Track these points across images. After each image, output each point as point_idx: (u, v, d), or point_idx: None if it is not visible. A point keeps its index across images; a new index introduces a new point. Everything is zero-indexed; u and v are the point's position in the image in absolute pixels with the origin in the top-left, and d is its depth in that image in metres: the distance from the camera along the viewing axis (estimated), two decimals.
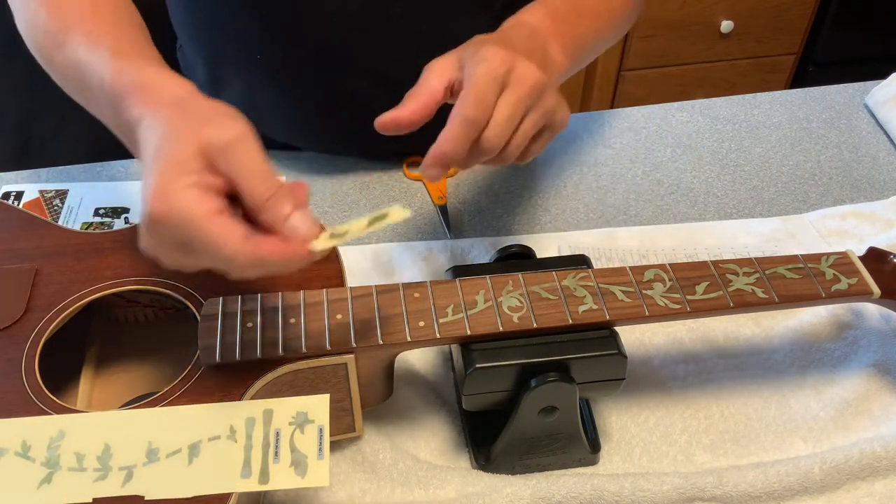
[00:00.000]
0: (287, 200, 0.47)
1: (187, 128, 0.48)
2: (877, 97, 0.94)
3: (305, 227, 0.47)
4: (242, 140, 0.47)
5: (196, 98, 0.51)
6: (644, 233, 0.79)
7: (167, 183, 0.45)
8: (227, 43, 0.82)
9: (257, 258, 0.46)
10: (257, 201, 0.47)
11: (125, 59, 0.54)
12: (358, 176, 0.86)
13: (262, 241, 0.46)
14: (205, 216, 0.45)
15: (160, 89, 0.52)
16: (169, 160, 0.46)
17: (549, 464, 0.60)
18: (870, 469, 0.59)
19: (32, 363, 0.54)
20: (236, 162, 0.47)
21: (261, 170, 0.47)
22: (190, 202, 0.45)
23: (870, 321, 0.71)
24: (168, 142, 0.47)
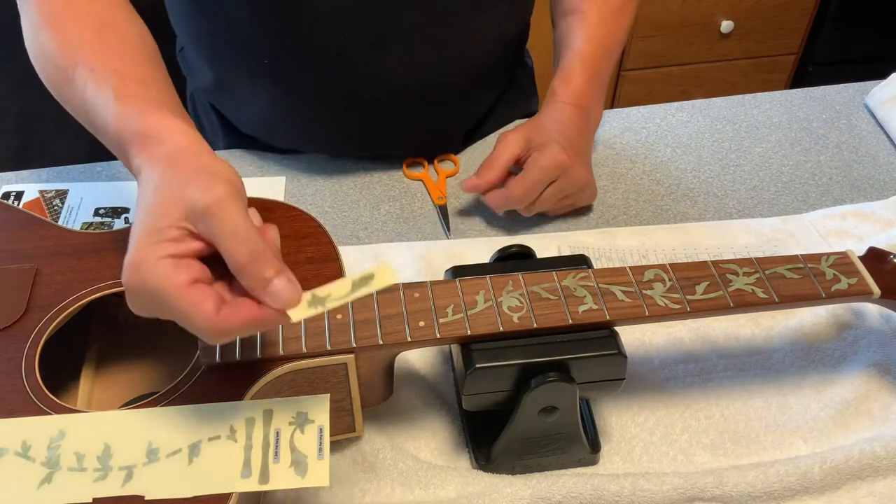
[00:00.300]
0: (268, 264, 0.46)
1: (171, 191, 0.47)
2: (877, 97, 0.94)
3: (287, 293, 0.46)
4: (223, 203, 0.46)
5: (190, 152, 0.50)
6: (644, 233, 0.79)
7: (142, 255, 0.45)
8: (234, 48, 0.81)
9: (229, 329, 0.45)
10: (237, 266, 0.46)
11: (128, 104, 0.53)
12: (358, 176, 0.86)
13: (234, 311, 0.45)
14: (176, 289, 0.45)
15: (159, 140, 0.51)
16: (147, 229, 0.46)
17: (549, 464, 0.60)
18: (870, 469, 0.59)
19: (32, 363, 0.54)
20: (216, 226, 0.46)
21: (241, 233, 0.46)
22: (161, 275, 0.45)
23: (870, 321, 0.71)
24: (154, 205, 0.48)
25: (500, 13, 0.83)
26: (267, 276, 0.46)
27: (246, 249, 0.46)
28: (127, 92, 0.54)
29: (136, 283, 0.46)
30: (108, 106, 0.54)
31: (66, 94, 0.59)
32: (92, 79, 0.56)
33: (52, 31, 0.60)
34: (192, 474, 0.48)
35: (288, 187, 0.84)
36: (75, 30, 0.59)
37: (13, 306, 0.57)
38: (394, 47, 0.78)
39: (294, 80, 0.81)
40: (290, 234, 0.62)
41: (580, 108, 0.79)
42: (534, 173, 0.74)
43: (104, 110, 0.54)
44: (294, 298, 0.46)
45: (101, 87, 0.55)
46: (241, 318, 0.45)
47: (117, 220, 0.80)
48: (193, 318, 0.45)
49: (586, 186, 0.78)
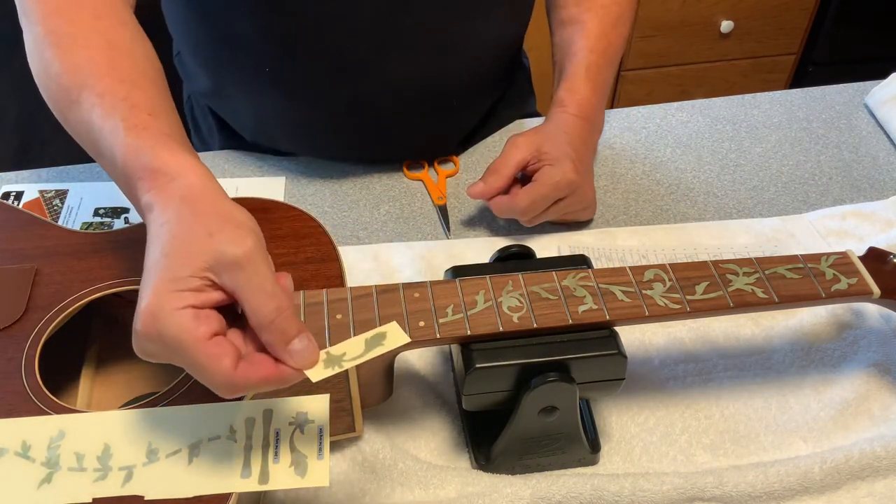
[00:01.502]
0: (293, 325, 0.46)
1: (194, 237, 0.46)
2: (877, 97, 0.94)
3: (307, 353, 0.46)
4: (252, 257, 0.46)
5: (209, 194, 0.49)
6: (644, 233, 0.79)
7: (161, 303, 0.44)
8: (232, 53, 0.81)
9: (245, 386, 0.45)
10: (262, 321, 0.45)
11: (139, 136, 0.51)
12: (358, 176, 0.86)
13: (252, 368, 0.45)
14: (195, 343, 0.44)
15: (173, 179, 0.49)
16: (167, 275, 0.45)
17: (549, 464, 0.60)
18: (870, 469, 0.59)
19: (32, 363, 0.54)
20: (244, 280, 0.45)
21: (268, 289, 0.46)
22: (181, 327, 0.44)
23: (870, 321, 0.71)
24: (172, 251, 0.46)
25: (499, 18, 0.82)
26: (289, 335, 0.45)
27: (273, 306, 0.45)
28: (136, 122, 0.52)
29: (153, 331, 0.44)
30: (117, 136, 0.52)
31: (70, 117, 0.56)
32: (99, 104, 0.53)
33: (56, 48, 0.57)
34: (192, 474, 0.48)
35: (288, 187, 0.84)
36: (81, 49, 0.56)
37: (13, 306, 0.57)
38: (394, 53, 0.78)
39: (293, 86, 0.81)
40: (290, 234, 0.62)
41: (586, 119, 0.78)
42: (544, 188, 0.74)
43: (111, 139, 0.52)
44: (313, 359, 0.46)
45: (108, 114, 0.53)
46: (259, 375, 0.45)
47: (117, 221, 0.80)
48: (211, 373, 0.44)
49: (590, 205, 0.79)
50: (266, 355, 0.46)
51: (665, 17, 1.74)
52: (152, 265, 0.46)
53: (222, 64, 0.84)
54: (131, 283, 0.59)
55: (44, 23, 0.58)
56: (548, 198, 0.74)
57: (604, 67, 0.81)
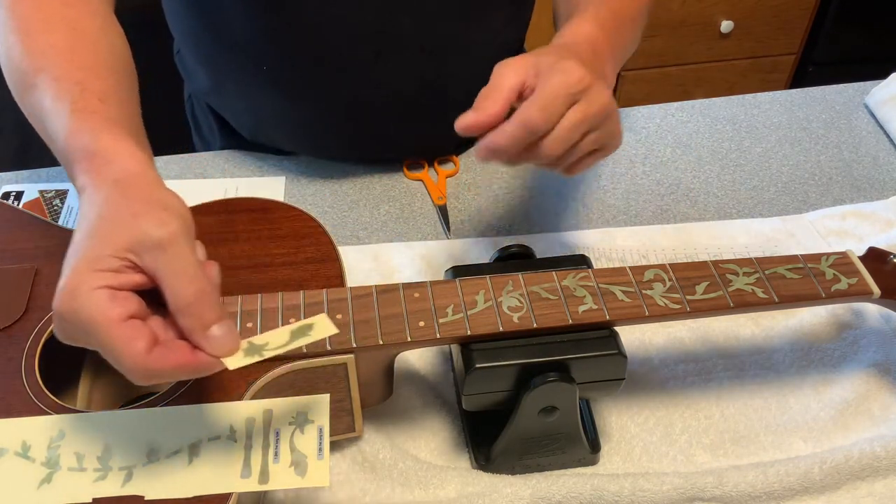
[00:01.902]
0: (213, 310, 0.44)
1: (119, 218, 0.45)
2: (877, 97, 0.94)
3: (226, 340, 0.45)
4: (175, 240, 0.45)
5: (141, 179, 0.48)
6: (644, 233, 0.79)
7: (78, 282, 0.43)
8: (231, 53, 0.81)
9: (158, 372, 0.43)
10: (180, 305, 0.44)
11: (83, 119, 0.51)
12: (358, 176, 0.86)
13: (167, 354, 0.44)
14: (109, 323, 0.43)
15: (109, 162, 0.49)
16: (88, 255, 0.44)
17: (549, 464, 0.60)
18: (870, 469, 0.59)
19: (32, 363, 0.54)
20: (165, 262, 0.44)
21: (189, 272, 0.44)
22: (96, 306, 0.43)
23: (870, 321, 0.71)
24: (96, 230, 0.46)
25: (499, 19, 0.82)
26: (208, 321, 0.44)
27: (192, 289, 0.44)
28: (85, 106, 0.52)
29: (68, 310, 0.43)
30: (62, 117, 0.51)
31: (27, 100, 0.56)
32: (53, 88, 0.53)
33: (19, 33, 0.57)
34: (192, 474, 0.48)
35: (288, 187, 0.84)
36: (44, 35, 0.56)
37: (13, 306, 0.57)
38: (392, 55, 0.78)
39: (291, 86, 0.81)
40: (289, 234, 0.62)
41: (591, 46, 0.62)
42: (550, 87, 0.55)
43: (57, 121, 0.52)
44: (232, 346, 0.45)
45: (60, 98, 0.52)
46: (172, 362, 0.44)
47: None
48: (122, 356, 0.43)
49: (612, 113, 0.59)
50: (185, 342, 0.45)
51: (665, 17, 1.74)
52: (76, 245, 0.46)
53: (221, 63, 0.84)
54: None
55: (11, 7, 0.58)
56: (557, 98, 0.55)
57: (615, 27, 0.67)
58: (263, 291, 0.57)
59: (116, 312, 0.43)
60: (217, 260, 0.48)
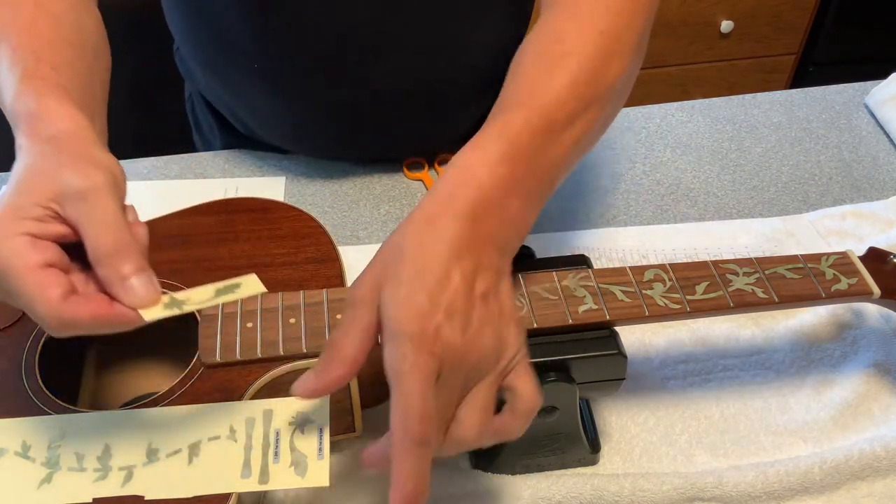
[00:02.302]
0: (132, 261, 0.44)
1: (46, 170, 0.45)
2: (877, 97, 0.94)
3: (144, 291, 0.44)
4: (97, 190, 0.45)
5: (76, 137, 0.48)
6: (644, 233, 0.79)
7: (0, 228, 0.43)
8: (226, 52, 0.81)
9: (72, 321, 0.43)
10: (98, 255, 0.44)
11: (31, 84, 0.51)
12: (358, 176, 0.86)
13: (81, 303, 0.43)
14: (25, 268, 0.43)
15: (47, 122, 0.48)
16: (13, 201, 0.44)
17: (549, 464, 0.60)
18: (870, 469, 0.59)
19: (32, 363, 0.54)
20: (85, 211, 0.44)
21: (109, 222, 0.44)
22: (14, 252, 0.43)
23: (870, 321, 0.71)
24: (23, 181, 0.45)
25: (498, 18, 0.82)
26: (126, 271, 0.44)
27: (111, 239, 0.44)
28: (35, 73, 0.52)
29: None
30: (13, 82, 0.51)
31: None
32: (10, 56, 0.53)
33: None
34: (192, 474, 0.48)
35: (288, 187, 0.84)
36: (8, 9, 0.57)
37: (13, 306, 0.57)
38: (386, 54, 0.78)
39: (285, 85, 0.81)
40: (290, 234, 0.62)
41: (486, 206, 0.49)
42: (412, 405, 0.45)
43: (9, 86, 0.52)
44: (151, 298, 0.45)
45: (14, 64, 0.52)
46: (88, 311, 0.43)
47: None
48: (36, 303, 0.43)
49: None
50: (103, 294, 0.44)
51: (665, 17, 1.74)
52: (2, 197, 0.46)
53: (219, 63, 0.84)
54: None
55: None
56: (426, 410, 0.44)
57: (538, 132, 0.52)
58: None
59: (34, 259, 0.43)
60: (217, 260, 0.48)
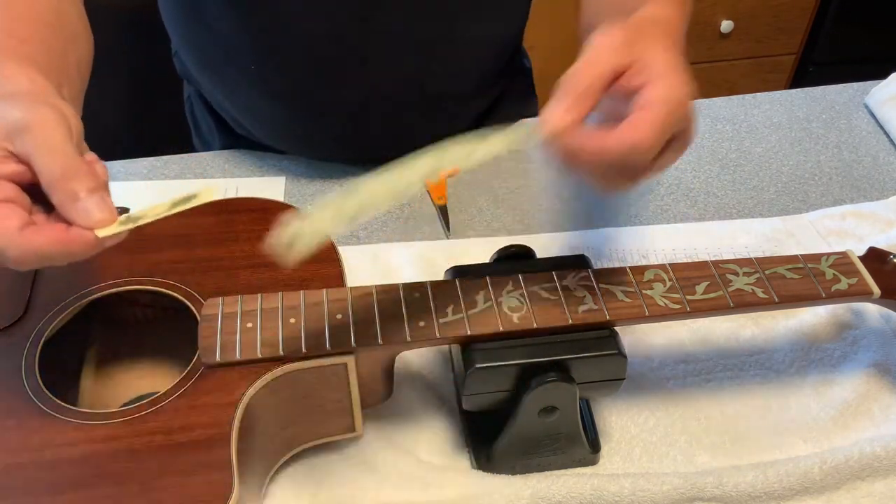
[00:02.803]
0: (83, 182, 0.44)
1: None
2: (877, 97, 0.94)
3: (98, 211, 0.44)
4: (44, 121, 0.45)
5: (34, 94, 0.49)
6: (644, 233, 0.79)
7: None
8: (220, 54, 0.81)
9: (31, 249, 0.43)
10: (48, 179, 0.44)
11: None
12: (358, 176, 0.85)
13: (39, 231, 0.44)
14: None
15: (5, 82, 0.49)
16: None
17: (549, 464, 0.60)
18: (870, 469, 0.59)
19: (32, 363, 0.54)
20: (32, 141, 0.44)
21: (58, 148, 0.44)
22: None
23: (870, 321, 0.71)
24: None
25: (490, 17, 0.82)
26: (78, 192, 0.44)
27: (59, 163, 0.44)
28: (4, 46, 0.53)
29: None
30: None
31: None
32: None
33: None
34: None
35: (288, 187, 0.84)
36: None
37: (13, 306, 0.57)
38: (378, 54, 0.78)
39: (280, 87, 0.81)
40: None
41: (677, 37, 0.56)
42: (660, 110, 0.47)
43: None
44: (106, 218, 0.45)
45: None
46: (45, 238, 0.43)
47: None
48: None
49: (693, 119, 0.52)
50: (60, 222, 0.44)
51: None
52: None
53: (211, 63, 0.84)
54: (131, 283, 0.59)
55: None
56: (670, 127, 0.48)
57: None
58: (263, 291, 0.57)
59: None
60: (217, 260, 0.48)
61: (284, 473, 0.59)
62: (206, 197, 0.47)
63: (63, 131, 0.46)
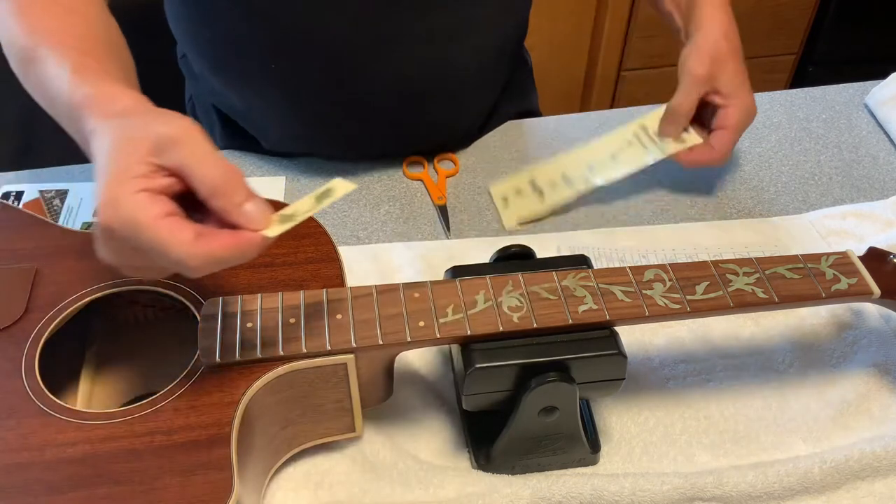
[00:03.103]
0: (242, 188, 0.47)
1: (135, 131, 0.48)
2: (877, 97, 0.94)
3: (260, 214, 0.47)
4: (190, 132, 0.47)
5: (144, 107, 0.52)
6: (644, 233, 0.79)
7: (116, 191, 0.45)
8: (233, 55, 0.81)
9: (209, 256, 0.46)
10: (210, 188, 0.46)
11: (84, 75, 0.54)
12: (358, 176, 0.86)
13: (213, 238, 0.46)
14: (153, 220, 0.45)
15: (112, 101, 0.52)
16: (117, 167, 0.46)
17: (549, 464, 0.60)
18: (870, 469, 0.59)
19: (32, 363, 0.54)
20: (187, 153, 0.46)
21: (210, 158, 0.47)
22: (138, 208, 0.45)
23: (870, 321, 0.71)
24: (116, 149, 0.48)
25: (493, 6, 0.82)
26: (240, 199, 0.46)
27: (218, 172, 0.46)
28: (84, 65, 0.55)
29: (113, 219, 0.45)
30: (64, 77, 0.54)
31: (31, 74, 0.59)
32: (53, 55, 0.57)
33: (19, 16, 0.61)
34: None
35: (288, 187, 0.84)
36: (42, 15, 0.61)
37: (13, 306, 0.57)
38: (397, 46, 0.78)
39: (292, 85, 0.81)
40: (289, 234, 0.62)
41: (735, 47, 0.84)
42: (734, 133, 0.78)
43: (59, 81, 0.55)
44: (267, 218, 0.47)
45: (60, 62, 0.56)
46: (220, 244, 0.46)
47: None
48: (171, 247, 0.45)
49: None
50: (225, 229, 0.47)
51: None
52: (101, 168, 0.47)
53: (223, 64, 0.84)
54: (131, 283, 0.59)
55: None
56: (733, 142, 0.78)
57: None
58: (263, 291, 0.57)
59: (158, 210, 0.45)
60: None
61: (284, 473, 0.59)
62: (342, 191, 0.50)
63: (209, 140, 0.48)
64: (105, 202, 0.45)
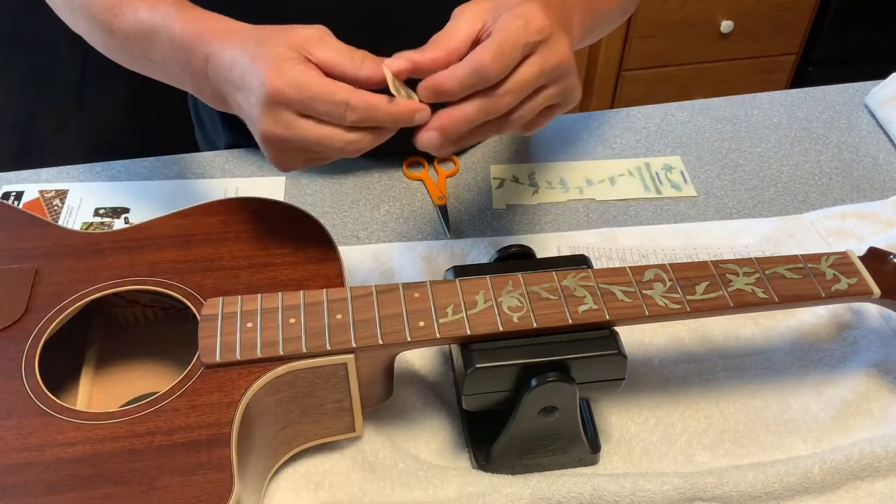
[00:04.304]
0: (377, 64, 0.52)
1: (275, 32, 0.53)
2: (877, 97, 0.94)
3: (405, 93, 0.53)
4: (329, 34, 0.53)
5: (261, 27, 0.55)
6: (644, 233, 0.79)
7: (278, 64, 0.50)
8: None
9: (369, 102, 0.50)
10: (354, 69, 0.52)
11: (190, 11, 0.58)
12: (358, 176, 0.86)
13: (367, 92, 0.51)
14: (317, 77, 0.51)
15: (229, 25, 0.56)
16: (271, 53, 0.51)
17: (549, 464, 0.60)
18: (870, 469, 0.59)
19: (32, 363, 0.54)
20: (332, 46, 0.52)
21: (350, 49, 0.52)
22: (301, 72, 0.50)
23: (870, 321, 0.71)
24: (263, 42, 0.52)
25: None
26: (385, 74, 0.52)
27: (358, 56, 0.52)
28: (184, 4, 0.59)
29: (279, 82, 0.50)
30: (169, 17, 0.58)
31: (116, 29, 0.61)
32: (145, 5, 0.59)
33: None
34: None
35: (288, 187, 0.84)
36: None
37: (13, 306, 0.57)
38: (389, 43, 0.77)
39: None
40: (290, 234, 0.62)
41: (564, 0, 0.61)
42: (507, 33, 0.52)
43: (164, 21, 0.58)
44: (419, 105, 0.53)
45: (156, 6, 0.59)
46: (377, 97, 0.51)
47: (117, 220, 0.80)
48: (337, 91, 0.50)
49: (570, 69, 0.56)
50: None
51: (665, 17, 1.74)
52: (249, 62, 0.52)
53: None
54: (131, 283, 0.59)
55: None
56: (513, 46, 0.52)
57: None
58: (263, 291, 0.57)
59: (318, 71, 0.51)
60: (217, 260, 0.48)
61: (284, 473, 0.59)
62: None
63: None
64: (270, 72, 0.50)
